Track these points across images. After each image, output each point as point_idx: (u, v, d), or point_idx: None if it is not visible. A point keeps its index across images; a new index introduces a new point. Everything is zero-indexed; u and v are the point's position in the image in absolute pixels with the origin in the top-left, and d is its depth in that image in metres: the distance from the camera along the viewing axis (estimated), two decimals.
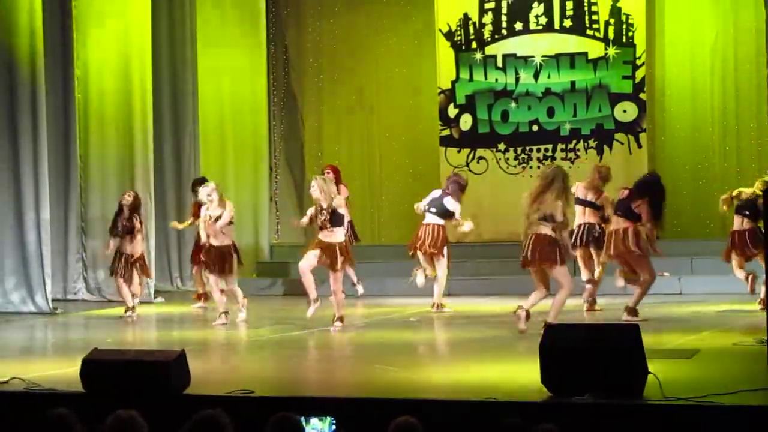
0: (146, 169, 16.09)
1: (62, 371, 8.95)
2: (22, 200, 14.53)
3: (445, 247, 13.81)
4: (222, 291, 12.90)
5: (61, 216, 16.00)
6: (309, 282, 12.02)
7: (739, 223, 13.38)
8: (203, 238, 12.90)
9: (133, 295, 13.80)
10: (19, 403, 7.88)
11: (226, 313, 12.66)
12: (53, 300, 14.69)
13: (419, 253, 13.77)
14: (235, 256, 12.87)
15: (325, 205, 11.79)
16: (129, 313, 13.60)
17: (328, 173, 14.62)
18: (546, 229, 11.10)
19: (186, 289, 17.46)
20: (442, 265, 13.74)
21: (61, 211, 16.04)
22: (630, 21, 17.00)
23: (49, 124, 14.89)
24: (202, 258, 12.98)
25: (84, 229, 16.23)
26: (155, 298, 16.01)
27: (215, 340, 11.93)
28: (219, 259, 12.68)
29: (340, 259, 11.82)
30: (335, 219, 11.83)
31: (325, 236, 11.88)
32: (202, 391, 7.72)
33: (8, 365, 9.33)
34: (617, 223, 12.26)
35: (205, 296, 14.65)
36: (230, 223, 12.83)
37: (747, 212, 13.27)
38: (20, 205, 14.54)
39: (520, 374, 8.35)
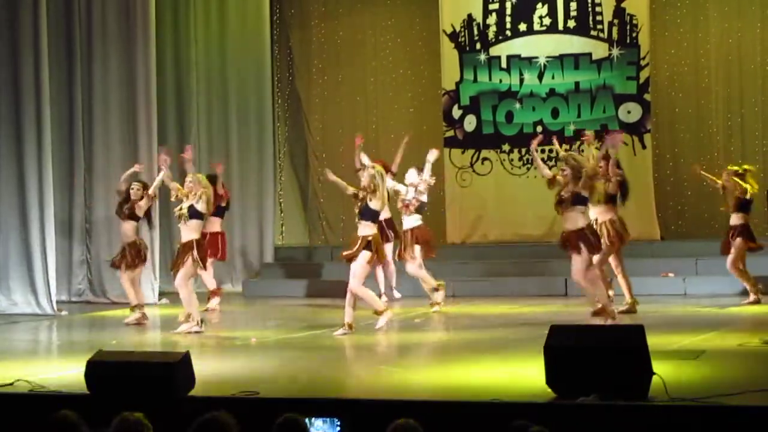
0: (150, 171, 16.07)
1: (67, 373, 8.95)
2: (26, 202, 14.53)
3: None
4: None
5: (65, 217, 16.01)
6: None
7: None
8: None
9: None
10: (24, 405, 7.88)
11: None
12: (57, 302, 14.69)
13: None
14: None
15: (360, 195, 11.70)
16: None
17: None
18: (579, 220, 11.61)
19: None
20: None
21: (66, 213, 16.05)
22: (634, 21, 16.99)
23: (53, 125, 14.90)
24: None
25: (88, 230, 16.23)
26: (160, 299, 16.01)
27: (220, 341, 11.92)
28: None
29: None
30: (365, 212, 11.63)
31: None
32: (206, 393, 7.72)
33: (13, 367, 9.34)
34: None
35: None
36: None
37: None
38: (24, 206, 14.54)
39: (525, 375, 8.35)
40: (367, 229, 11.56)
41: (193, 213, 12.30)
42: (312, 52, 19.04)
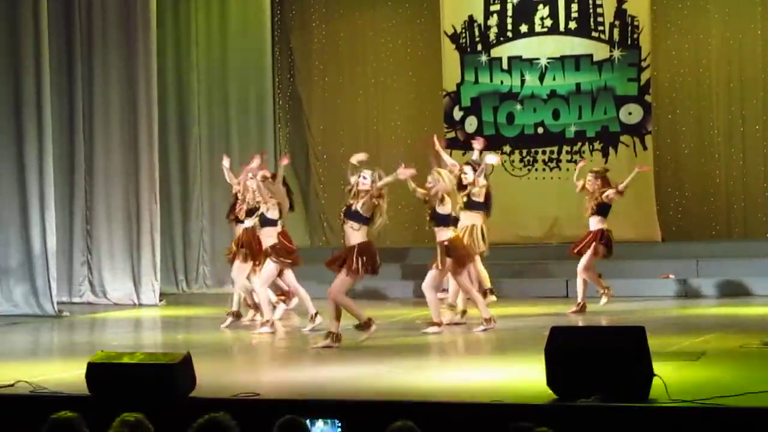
0: (151, 171, 16.09)
1: (68, 374, 8.95)
2: (27, 202, 14.53)
3: None
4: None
5: (66, 218, 16.01)
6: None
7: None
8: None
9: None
10: (24, 406, 7.88)
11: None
12: (58, 303, 14.69)
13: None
14: None
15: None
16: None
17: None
18: None
19: (191, 291, 17.45)
20: None
21: (66, 214, 16.04)
22: (635, 23, 16.98)
23: (53, 126, 14.90)
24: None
25: (89, 231, 16.23)
26: (160, 300, 16.01)
27: (221, 342, 11.92)
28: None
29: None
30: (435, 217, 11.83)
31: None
32: (207, 394, 7.72)
33: (14, 368, 9.34)
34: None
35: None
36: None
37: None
38: (25, 207, 14.54)
39: (526, 377, 8.35)
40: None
41: (264, 221, 12.20)
42: (313, 54, 19.04)
